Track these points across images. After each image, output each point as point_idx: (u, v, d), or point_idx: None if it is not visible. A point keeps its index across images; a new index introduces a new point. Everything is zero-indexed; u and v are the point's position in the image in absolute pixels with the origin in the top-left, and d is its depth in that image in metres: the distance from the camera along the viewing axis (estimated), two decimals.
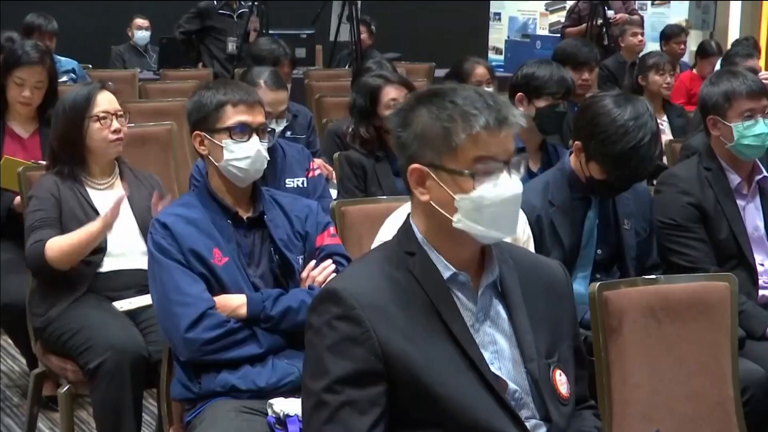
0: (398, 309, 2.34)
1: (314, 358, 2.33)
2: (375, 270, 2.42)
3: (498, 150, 2.34)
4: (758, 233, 4.19)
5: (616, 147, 3.68)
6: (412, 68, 9.89)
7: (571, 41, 7.39)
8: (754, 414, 3.62)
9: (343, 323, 2.30)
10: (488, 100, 2.36)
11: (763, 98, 4.20)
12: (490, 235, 2.38)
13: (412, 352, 2.31)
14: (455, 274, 2.41)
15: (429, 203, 2.39)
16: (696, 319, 3.42)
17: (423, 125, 2.37)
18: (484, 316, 2.44)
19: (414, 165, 2.38)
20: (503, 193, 2.35)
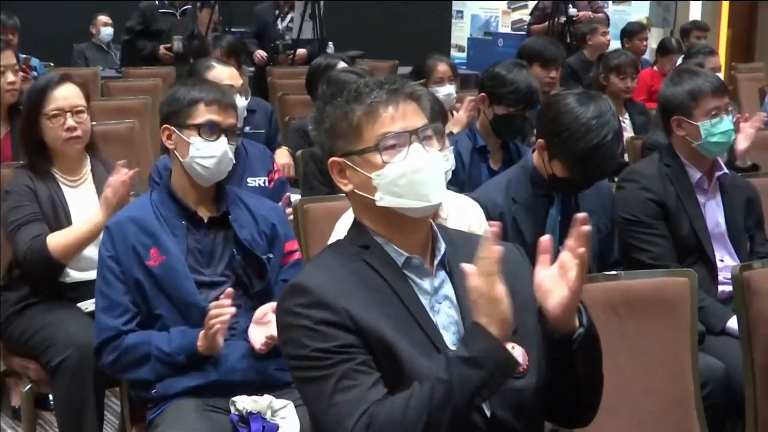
0: (363, 293, 2.38)
1: (296, 346, 2.35)
2: (333, 264, 2.46)
3: (400, 123, 2.42)
4: (719, 229, 4.22)
5: (578, 145, 3.70)
6: (375, 66, 9.86)
7: (537, 39, 7.42)
8: (714, 408, 3.64)
9: (314, 310, 2.33)
10: (381, 80, 2.47)
11: (725, 95, 4.24)
12: (413, 205, 2.43)
13: (384, 330, 2.34)
14: (408, 258, 2.46)
15: (353, 192, 2.47)
16: (656, 314, 3.44)
17: (330, 120, 2.47)
18: (443, 297, 2.48)
19: (332, 159, 2.48)
20: (414, 162, 2.41)
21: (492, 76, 4.92)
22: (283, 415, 3.25)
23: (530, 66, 5.68)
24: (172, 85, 3.64)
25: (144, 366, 3.34)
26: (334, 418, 2.29)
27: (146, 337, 3.35)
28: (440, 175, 2.48)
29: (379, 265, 2.45)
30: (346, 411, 2.27)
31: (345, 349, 2.31)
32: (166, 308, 3.38)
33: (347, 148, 2.45)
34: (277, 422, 3.24)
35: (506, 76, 4.86)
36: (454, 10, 15.02)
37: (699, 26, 11.40)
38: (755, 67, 11.92)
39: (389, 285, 2.42)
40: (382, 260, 2.46)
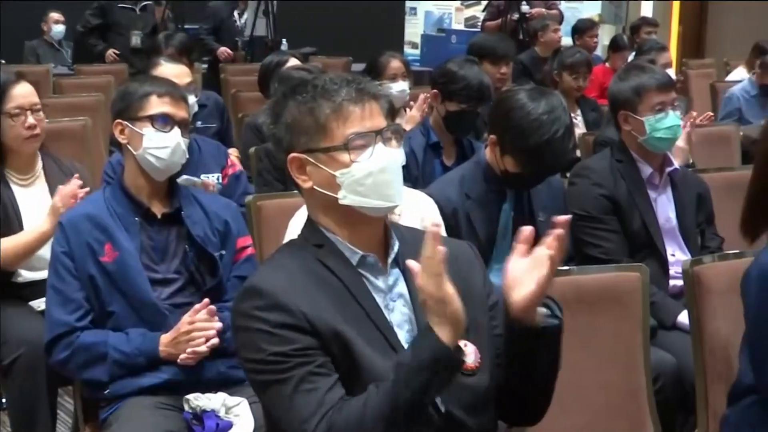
0: (319, 293, 2.38)
1: (253, 350, 2.34)
2: (288, 264, 2.45)
3: (366, 123, 2.42)
4: (669, 224, 4.25)
5: (530, 140, 3.72)
6: (329, 63, 9.89)
7: (487, 36, 7.45)
8: (665, 402, 3.68)
9: (270, 313, 2.32)
10: (347, 77, 2.46)
11: (671, 91, 4.27)
12: (376, 205, 2.43)
13: (341, 330, 2.34)
14: (363, 256, 2.45)
15: (313, 189, 2.45)
16: (608, 309, 3.46)
17: (291, 115, 2.45)
18: (397, 295, 2.48)
19: (292, 155, 2.45)
20: (381, 162, 2.41)
21: (444, 73, 4.94)
22: (237, 412, 3.25)
23: (481, 62, 5.70)
24: (125, 81, 3.63)
25: (99, 366, 3.33)
26: (293, 421, 2.29)
27: (102, 336, 3.34)
28: (401, 176, 2.49)
29: (334, 264, 2.44)
30: (304, 415, 2.27)
31: (303, 352, 2.31)
32: (119, 305, 3.36)
33: (311, 145, 2.43)
34: (231, 420, 3.24)
35: (458, 73, 4.88)
36: (408, 7, 15.04)
37: (648, 22, 11.49)
38: (706, 63, 12.07)
39: (344, 284, 2.42)
40: (336, 259, 2.45)
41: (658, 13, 14.82)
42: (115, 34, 10.22)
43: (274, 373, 2.31)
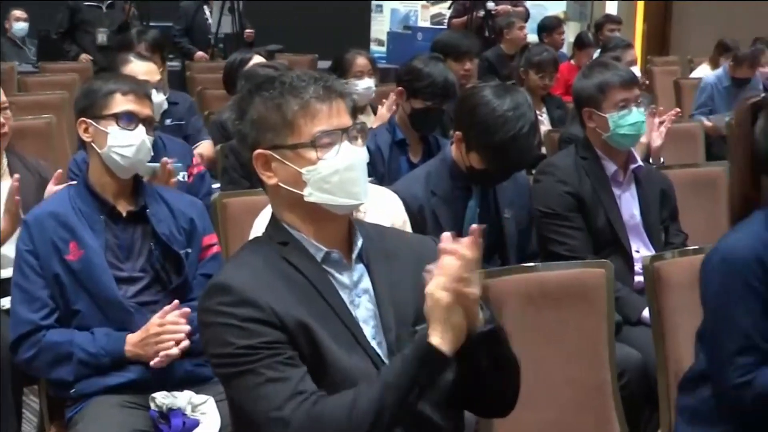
0: (286, 291, 2.38)
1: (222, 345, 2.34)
2: (254, 261, 2.45)
3: (333, 120, 2.42)
4: (634, 221, 4.28)
5: (495, 137, 3.74)
6: (295, 60, 9.87)
7: (450, 33, 7.46)
8: (631, 397, 3.71)
9: (239, 308, 2.33)
10: (315, 75, 2.47)
11: (635, 88, 4.30)
12: (341, 203, 2.44)
13: (308, 325, 2.35)
14: (327, 253, 2.46)
15: (278, 185, 2.45)
16: (574, 305, 3.48)
17: (258, 111, 2.44)
18: (362, 291, 2.49)
19: (257, 151, 2.45)
20: (347, 160, 2.42)
21: (409, 70, 4.95)
22: (204, 410, 3.25)
23: (445, 60, 5.72)
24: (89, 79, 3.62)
25: (64, 366, 3.31)
26: (265, 410, 2.29)
27: (68, 336, 3.32)
28: (366, 174, 2.50)
29: (299, 261, 2.44)
30: (277, 402, 2.27)
31: (271, 345, 2.31)
32: (84, 303, 3.35)
33: (277, 141, 2.43)
34: (197, 417, 3.23)
35: (423, 70, 4.88)
36: (374, 4, 15.05)
37: (612, 20, 11.57)
38: (670, 60, 12.17)
39: (309, 281, 2.42)
40: (301, 256, 2.45)
41: (623, 11, 14.89)
42: (81, 32, 10.19)
43: (242, 365, 2.30)
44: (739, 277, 2.87)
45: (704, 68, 10.12)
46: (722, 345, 2.93)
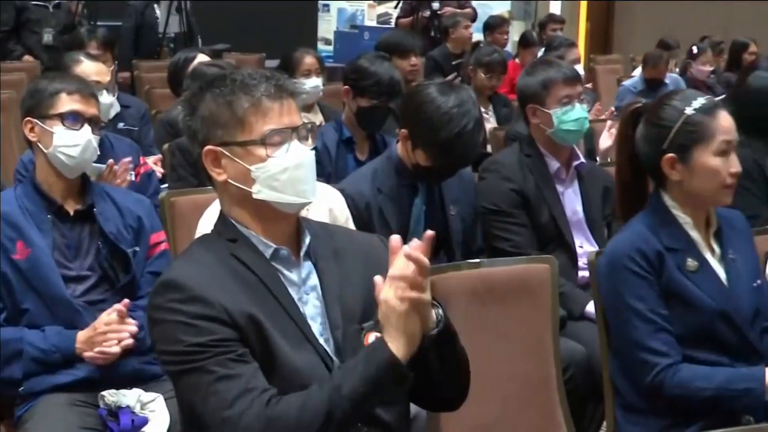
0: (235, 288, 2.39)
1: (172, 342, 2.34)
2: (203, 258, 2.46)
3: (283, 119, 2.44)
4: (577, 217, 4.32)
5: (440, 134, 3.77)
6: (242, 59, 9.85)
7: (392, 32, 7.53)
8: (576, 391, 3.75)
9: (189, 305, 2.33)
10: (266, 74, 2.48)
11: (578, 84, 4.35)
12: (290, 200, 2.45)
13: (258, 322, 2.36)
14: (276, 250, 2.47)
15: (227, 182, 2.46)
16: (518, 300, 3.51)
17: (208, 108, 2.46)
18: (310, 288, 2.50)
19: (207, 147, 2.45)
20: (296, 158, 2.44)
21: (354, 69, 4.97)
22: (153, 408, 3.26)
23: (390, 58, 5.76)
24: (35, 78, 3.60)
25: (14, 363, 3.30)
26: (215, 409, 2.29)
27: (18, 333, 3.32)
28: (315, 173, 2.51)
29: (248, 258, 2.45)
30: (228, 400, 2.28)
31: (222, 343, 2.32)
32: (32, 303, 3.34)
33: (227, 138, 2.44)
34: (146, 415, 3.24)
35: (368, 69, 4.90)
36: (321, 4, 15.03)
37: (555, 19, 11.70)
38: (612, 59, 12.30)
39: (259, 278, 2.43)
40: (250, 253, 2.46)
41: (567, 10, 14.98)
42: (28, 31, 10.08)
43: (192, 362, 2.31)
44: (625, 270, 3.06)
45: None
46: (631, 337, 3.08)
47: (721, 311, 3.07)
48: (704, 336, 3.08)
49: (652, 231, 3.11)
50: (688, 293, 3.07)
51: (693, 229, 3.16)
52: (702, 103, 3.14)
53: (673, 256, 3.09)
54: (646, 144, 3.17)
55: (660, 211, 3.16)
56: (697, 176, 3.10)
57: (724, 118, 3.13)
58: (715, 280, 3.12)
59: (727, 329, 3.09)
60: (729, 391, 3.00)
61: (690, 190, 3.13)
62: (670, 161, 3.11)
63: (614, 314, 3.17)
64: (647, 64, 8.68)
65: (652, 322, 3.04)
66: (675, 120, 3.10)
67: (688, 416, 3.05)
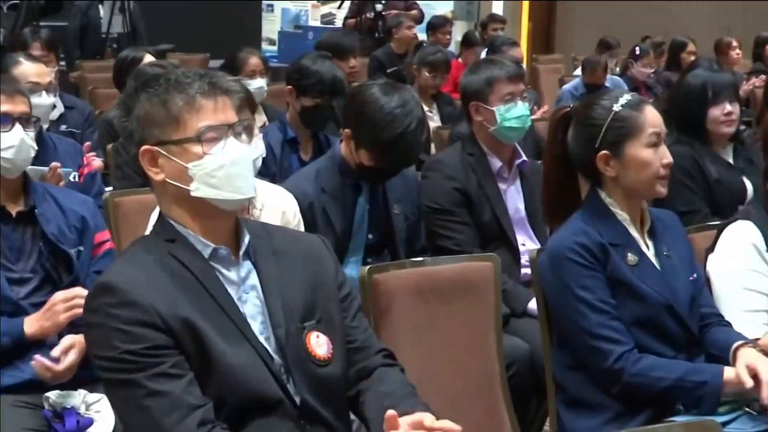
0: (171, 288, 2.39)
1: (105, 348, 2.34)
2: (141, 259, 2.46)
3: (219, 116, 2.45)
4: (519, 215, 4.36)
5: (383, 134, 3.79)
6: (187, 59, 9.83)
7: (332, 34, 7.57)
8: (519, 387, 3.78)
9: (122, 309, 2.33)
10: (200, 72, 2.50)
11: (520, 82, 4.41)
12: (228, 197, 2.46)
13: (195, 324, 2.36)
14: (215, 249, 2.48)
15: (165, 181, 2.46)
16: (462, 298, 3.54)
17: (144, 108, 2.46)
18: (250, 287, 2.51)
19: (143, 147, 2.46)
20: (233, 155, 2.45)
21: (297, 69, 5.01)
22: (98, 408, 3.24)
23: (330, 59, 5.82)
24: None
25: None
26: (145, 421, 2.30)
27: None
28: (252, 170, 2.53)
29: (186, 258, 2.46)
30: (159, 416, 2.29)
31: (155, 351, 2.32)
32: None
33: (162, 137, 2.44)
34: (91, 416, 3.23)
35: (310, 68, 4.94)
36: (265, 4, 15.01)
37: (496, 19, 11.81)
38: (554, 58, 12.44)
39: (197, 278, 2.44)
40: (188, 253, 2.47)
41: (509, 10, 15.09)
42: None
43: (125, 372, 2.32)
44: (569, 263, 3.11)
45: None
46: (582, 327, 3.12)
47: (664, 303, 3.13)
48: (650, 326, 3.13)
49: (591, 227, 3.16)
50: (633, 284, 3.12)
51: (630, 226, 3.21)
52: (628, 99, 3.20)
53: (615, 250, 3.14)
54: (579, 144, 3.23)
55: (598, 209, 3.21)
56: (632, 170, 3.16)
57: (650, 111, 3.19)
58: (655, 273, 3.18)
59: (670, 320, 3.14)
60: (687, 382, 3.04)
61: (626, 184, 3.18)
62: (604, 158, 3.17)
63: (561, 308, 3.20)
64: (586, 70, 8.76)
65: (602, 311, 3.09)
66: (605, 118, 3.16)
67: (633, 408, 3.09)
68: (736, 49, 9.97)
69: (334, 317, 2.57)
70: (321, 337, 2.51)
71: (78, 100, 6.52)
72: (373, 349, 2.65)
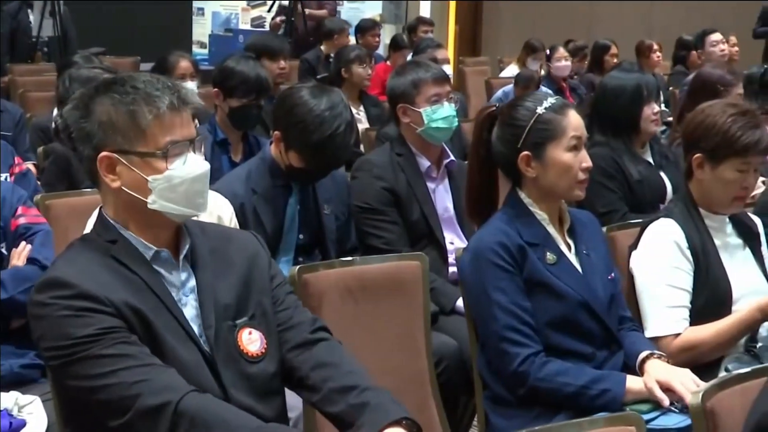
0: (119, 286, 2.40)
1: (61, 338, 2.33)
2: (85, 258, 2.45)
3: (183, 131, 2.44)
4: (448, 214, 4.41)
5: (313, 136, 3.83)
6: (117, 62, 9.77)
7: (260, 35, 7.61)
8: (448, 384, 3.83)
9: (75, 301, 2.33)
10: (167, 83, 2.46)
11: (446, 84, 4.47)
12: (185, 212, 2.47)
13: (146, 315, 2.38)
14: (157, 252, 2.48)
15: (121, 189, 2.44)
16: (391, 296, 3.58)
17: (107, 113, 2.42)
18: (189, 290, 2.51)
19: (103, 153, 2.42)
20: (193, 171, 2.45)
21: (221, 71, 5.08)
22: (30, 410, 3.23)
23: (260, 60, 5.87)
24: None
25: None
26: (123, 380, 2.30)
27: None
28: (207, 186, 2.52)
29: (129, 260, 2.45)
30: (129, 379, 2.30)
31: (111, 330, 2.33)
32: None
33: (126, 146, 2.41)
34: (24, 418, 3.22)
35: (234, 69, 5.01)
36: (195, 8, 14.96)
37: (424, 21, 11.87)
38: (480, 60, 12.51)
39: (141, 278, 2.44)
40: (130, 255, 2.46)
41: (436, 12, 15.13)
42: None
43: (84, 351, 2.31)
44: (486, 262, 3.16)
45: (512, 68, 10.44)
46: (493, 329, 3.17)
47: (582, 301, 3.18)
48: (568, 325, 3.18)
49: (511, 227, 3.21)
50: (551, 283, 3.17)
51: (549, 225, 3.26)
52: (552, 102, 3.25)
53: (534, 250, 3.19)
54: (502, 144, 3.27)
55: (518, 208, 3.26)
56: (552, 172, 3.21)
57: (573, 115, 3.25)
58: (573, 271, 3.23)
59: (589, 318, 3.20)
60: (590, 390, 3.09)
61: (545, 185, 3.24)
62: (525, 159, 3.22)
63: (478, 307, 3.26)
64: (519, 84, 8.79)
65: (512, 314, 3.13)
66: (528, 119, 3.21)
67: (552, 407, 3.14)
68: (656, 52, 10.11)
69: (269, 310, 2.59)
70: (254, 333, 2.53)
71: (9, 103, 6.47)
72: (306, 326, 2.65)
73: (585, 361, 3.19)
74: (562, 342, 3.19)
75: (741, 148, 3.39)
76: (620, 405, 3.08)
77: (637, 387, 3.10)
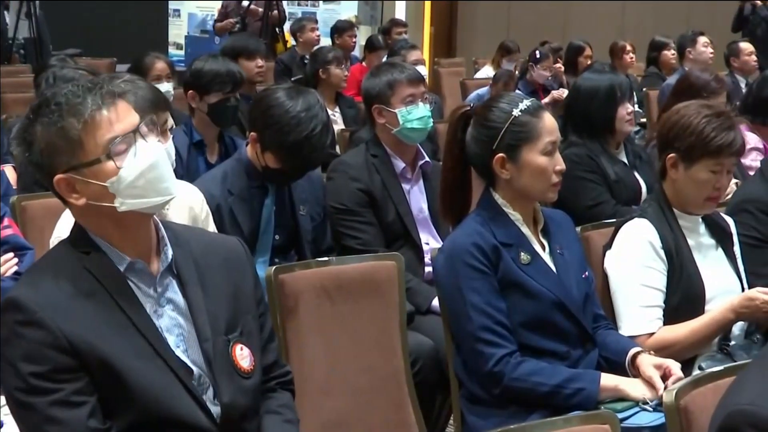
0: (82, 306, 2.36)
1: (9, 366, 2.31)
2: (54, 273, 2.40)
3: (120, 125, 2.37)
4: (423, 215, 4.43)
5: (289, 137, 3.84)
6: (94, 64, 9.74)
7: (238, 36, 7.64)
8: (424, 383, 3.84)
9: (28, 329, 2.30)
10: (87, 84, 2.40)
11: (421, 84, 4.49)
12: (156, 201, 2.41)
13: (101, 345, 2.33)
14: (131, 263, 2.43)
15: (87, 204, 2.39)
16: (367, 296, 3.60)
17: (43, 140, 2.37)
18: (166, 300, 2.48)
19: (57, 177, 2.38)
20: (146, 160, 2.37)
21: (192, 74, 5.16)
22: (7, 411, 3.24)
23: (238, 60, 5.92)
24: None
25: None
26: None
27: None
28: (170, 167, 2.47)
29: (101, 272, 2.41)
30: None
31: (58, 375, 2.29)
32: None
33: (73, 162, 2.36)
34: (1, 420, 3.23)
35: (204, 67, 5.11)
36: (171, 9, 14.95)
37: (398, 23, 11.92)
38: (456, 62, 12.54)
39: (110, 294, 2.39)
40: (103, 267, 2.42)
41: (412, 14, 15.17)
42: None
43: (26, 394, 2.29)
44: (461, 262, 3.17)
45: (487, 69, 10.48)
46: (467, 329, 3.19)
47: (556, 300, 3.20)
48: (543, 324, 3.20)
49: (485, 227, 3.22)
50: (525, 283, 3.19)
51: (523, 225, 3.28)
52: (528, 105, 3.25)
53: (507, 250, 3.21)
54: (477, 145, 3.28)
55: (492, 209, 3.27)
56: (526, 174, 3.22)
57: (548, 118, 3.26)
58: (547, 271, 3.25)
59: (563, 317, 3.22)
60: (564, 389, 3.11)
61: (519, 187, 3.25)
62: (500, 161, 3.23)
63: (453, 308, 3.27)
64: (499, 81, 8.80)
65: (487, 315, 3.15)
66: (503, 121, 3.22)
67: (528, 406, 3.16)
68: (630, 53, 10.15)
69: (254, 330, 2.58)
70: (244, 350, 2.51)
71: None
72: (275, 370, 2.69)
73: (560, 360, 3.21)
74: (537, 341, 3.21)
75: (714, 149, 3.42)
76: (595, 403, 3.10)
77: (611, 384, 3.12)
